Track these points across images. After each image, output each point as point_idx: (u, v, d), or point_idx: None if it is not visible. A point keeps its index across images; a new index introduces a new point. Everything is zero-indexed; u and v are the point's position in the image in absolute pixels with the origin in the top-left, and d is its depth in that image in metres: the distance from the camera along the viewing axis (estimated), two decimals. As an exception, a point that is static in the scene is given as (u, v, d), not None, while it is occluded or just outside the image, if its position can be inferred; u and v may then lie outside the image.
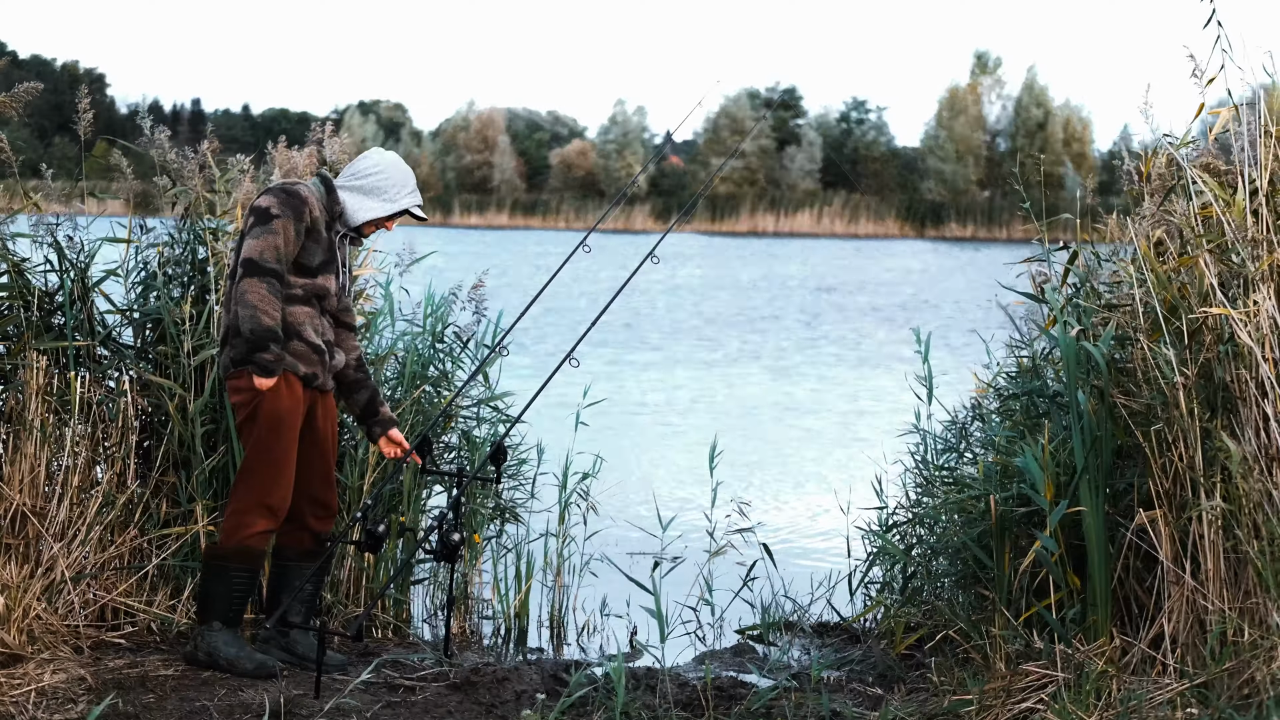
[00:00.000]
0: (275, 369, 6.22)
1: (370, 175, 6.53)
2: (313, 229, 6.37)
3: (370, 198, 6.52)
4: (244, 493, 6.35)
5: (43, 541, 6.75)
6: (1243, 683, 5.25)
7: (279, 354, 6.23)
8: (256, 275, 6.20)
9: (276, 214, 6.27)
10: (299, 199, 6.34)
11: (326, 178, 6.53)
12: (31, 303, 7.18)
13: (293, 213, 6.29)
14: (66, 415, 7.08)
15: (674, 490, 11.77)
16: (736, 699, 6.27)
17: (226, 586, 6.37)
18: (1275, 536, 5.46)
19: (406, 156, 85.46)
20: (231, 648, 6.35)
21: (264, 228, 6.25)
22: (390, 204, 6.55)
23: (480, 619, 8.00)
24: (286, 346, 6.31)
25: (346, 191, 6.52)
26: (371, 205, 6.52)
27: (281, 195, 6.33)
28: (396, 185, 6.57)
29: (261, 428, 6.30)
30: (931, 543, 7.33)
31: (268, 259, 6.21)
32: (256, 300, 6.18)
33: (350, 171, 6.56)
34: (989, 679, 5.86)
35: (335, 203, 6.47)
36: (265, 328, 6.17)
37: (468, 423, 8.07)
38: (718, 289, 36.77)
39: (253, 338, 6.19)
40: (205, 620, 6.41)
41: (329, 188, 6.50)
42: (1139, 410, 6.04)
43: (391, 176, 6.55)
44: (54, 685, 5.99)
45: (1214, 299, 5.83)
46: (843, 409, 17.36)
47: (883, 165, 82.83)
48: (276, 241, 6.23)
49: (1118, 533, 6.13)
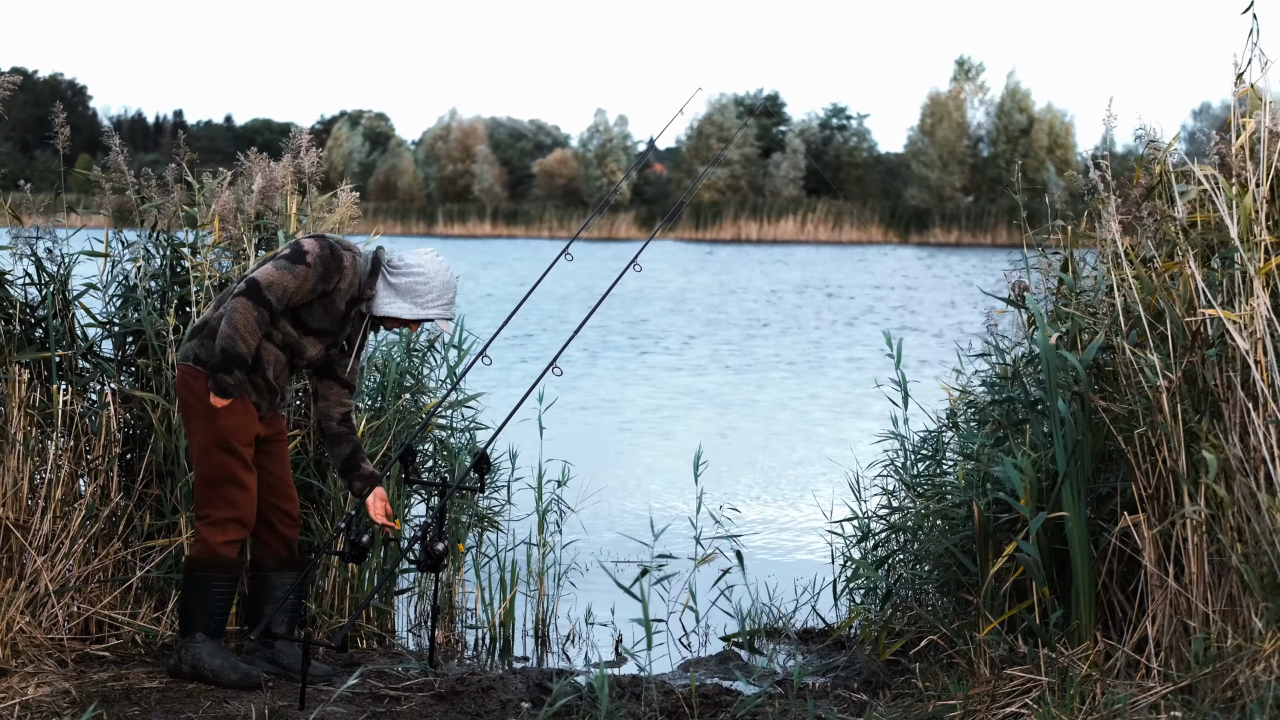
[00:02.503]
0: (232, 394, 6.26)
1: (411, 276, 6.46)
2: (329, 296, 6.37)
3: (402, 298, 6.47)
4: (212, 508, 6.36)
5: (26, 555, 6.74)
6: (1226, 686, 5.26)
7: (240, 380, 6.25)
8: (254, 300, 6.19)
9: (310, 262, 6.28)
10: (338, 265, 6.35)
11: (379, 260, 6.50)
12: (13, 315, 7.17)
13: (323, 270, 6.31)
14: (49, 428, 7.07)
15: (658, 497, 11.77)
16: (721, 706, 6.27)
17: (208, 597, 6.38)
18: (1259, 540, 5.47)
19: (392, 169, 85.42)
20: (216, 658, 6.34)
21: (289, 263, 6.27)
22: (416, 310, 6.49)
23: (465, 628, 7.99)
24: (250, 377, 6.35)
25: (384, 282, 6.48)
26: (400, 305, 6.48)
27: (326, 252, 6.34)
28: (432, 295, 6.48)
29: (219, 446, 6.31)
30: (915, 549, 7.34)
31: (272, 292, 6.21)
32: (241, 324, 6.17)
33: (399, 264, 6.50)
34: (973, 684, 5.87)
35: (370, 287, 6.46)
36: (238, 353, 6.18)
37: (443, 431, 8.05)
38: (702, 295, 36.77)
39: (222, 357, 6.20)
40: (188, 632, 6.41)
41: (375, 270, 6.48)
42: (1121, 415, 6.05)
43: (431, 284, 6.47)
44: (38, 699, 5.98)
45: (1199, 302, 5.84)
46: (825, 413, 17.36)
47: (865, 171, 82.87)
48: (289, 282, 6.24)
49: (1101, 537, 6.14)
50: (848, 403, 18.12)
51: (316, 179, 8.01)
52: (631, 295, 34.84)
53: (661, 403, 18.31)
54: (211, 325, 6.33)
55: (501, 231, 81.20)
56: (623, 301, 33.16)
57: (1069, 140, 77.89)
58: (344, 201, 7.96)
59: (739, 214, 76.85)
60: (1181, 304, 5.95)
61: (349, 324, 6.51)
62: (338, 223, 7.93)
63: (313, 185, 8.03)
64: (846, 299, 36.53)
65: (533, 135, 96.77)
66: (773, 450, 14.85)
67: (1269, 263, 5.77)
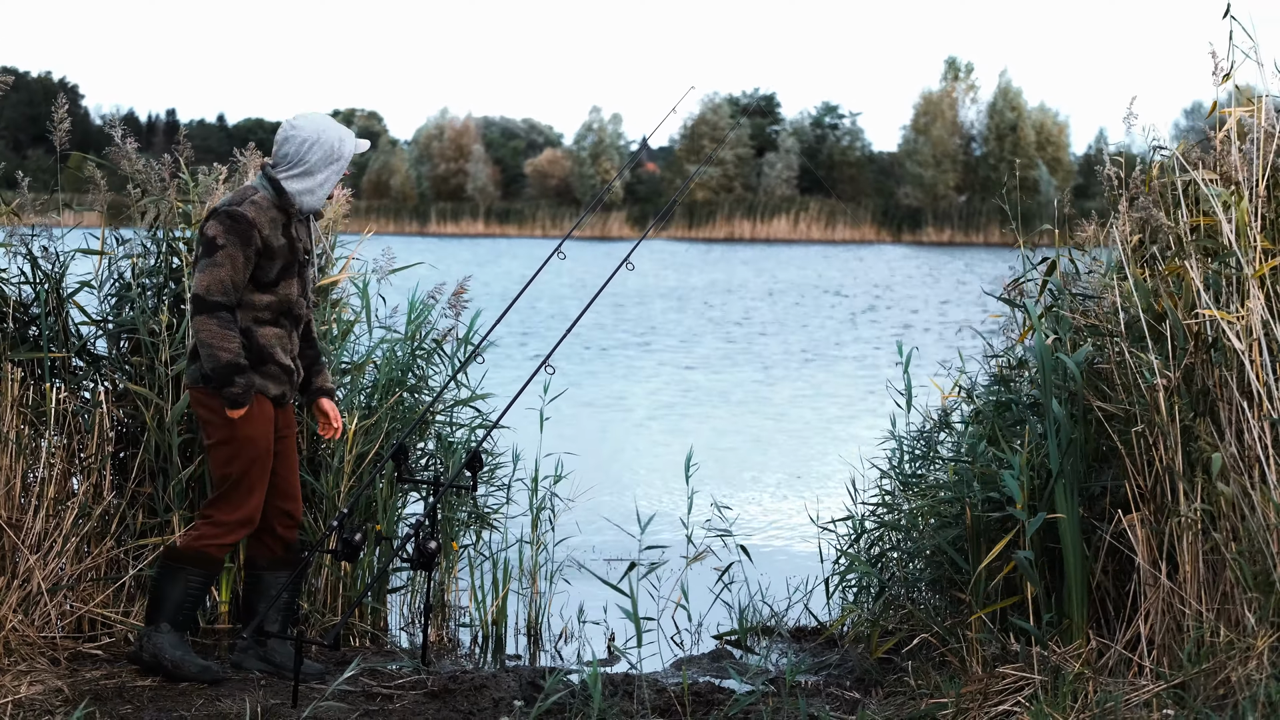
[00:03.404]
0: (245, 399, 6.19)
1: (308, 156, 6.36)
2: (265, 246, 6.27)
3: (320, 173, 6.40)
4: (220, 510, 6.35)
5: (18, 553, 6.73)
6: (1218, 683, 5.27)
7: (246, 383, 6.18)
8: (205, 312, 6.13)
9: (222, 244, 6.16)
10: (246, 223, 6.20)
11: (274, 177, 6.37)
12: (6, 314, 7.17)
13: (240, 239, 6.18)
14: (42, 426, 7.06)
15: (651, 495, 11.78)
16: (714, 704, 6.27)
17: (181, 590, 6.36)
18: (1252, 538, 5.49)
19: (384, 166, 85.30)
20: (178, 650, 6.33)
21: (209, 259, 6.17)
22: (340, 162, 6.44)
23: (458, 626, 7.99)
24: (260, 369, 6.31)
25: (295, 181, 6.37)
26: (325, 178, 6.42)
27: (227, 222, 6.20)
28: (334, 143, 6.41)
29: (240, 452, 6.29)
30: (907, 547, 7.34)
31: (214, 293, 6.13)
32: (209, 338, 6.12)
33: (287, 159, 6.38)
34: (966, 682, 5.88)
35: (290, 203, 6.35)
36: (225, 364, 6.13)
37: (444, 428, 8.05)
38: (693, 293, 36.77)
39: (217, 375, 6.15)
40: (154, 621, 6.38)
41: (279, 189, 6.35)
42: (1117, 414, 6.06)
43: (325, 140, 6.39)
44: (31, 697, 5.98)
45: (1199, 303, 5.85)
46: (819, 412, 17.37)
47: (858, 170, 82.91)
48: (222, 275, 6.15)
49: (1094, 535, 6.16)
50: (850, 401, 18.15)
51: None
52: (633, 293, 34.85)
53: (666, 400, 18.34)
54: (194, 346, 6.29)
55: (495, 230, 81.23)
56: (627, 299, 33.18)
57: (1062, 139, 77.98)
58: (337, 199, 7.96)
59: (732, 213, 76.90)
60: (1183, 306, 5.96)
61: (299, 242, 6.43)
62: (330, 220, 7.93)
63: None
64: (846, 296, 36.56)
65: (525, 134, 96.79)
66: (769, 448, 14.86)
67: (1264, 265, 5.79)
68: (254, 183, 6.43)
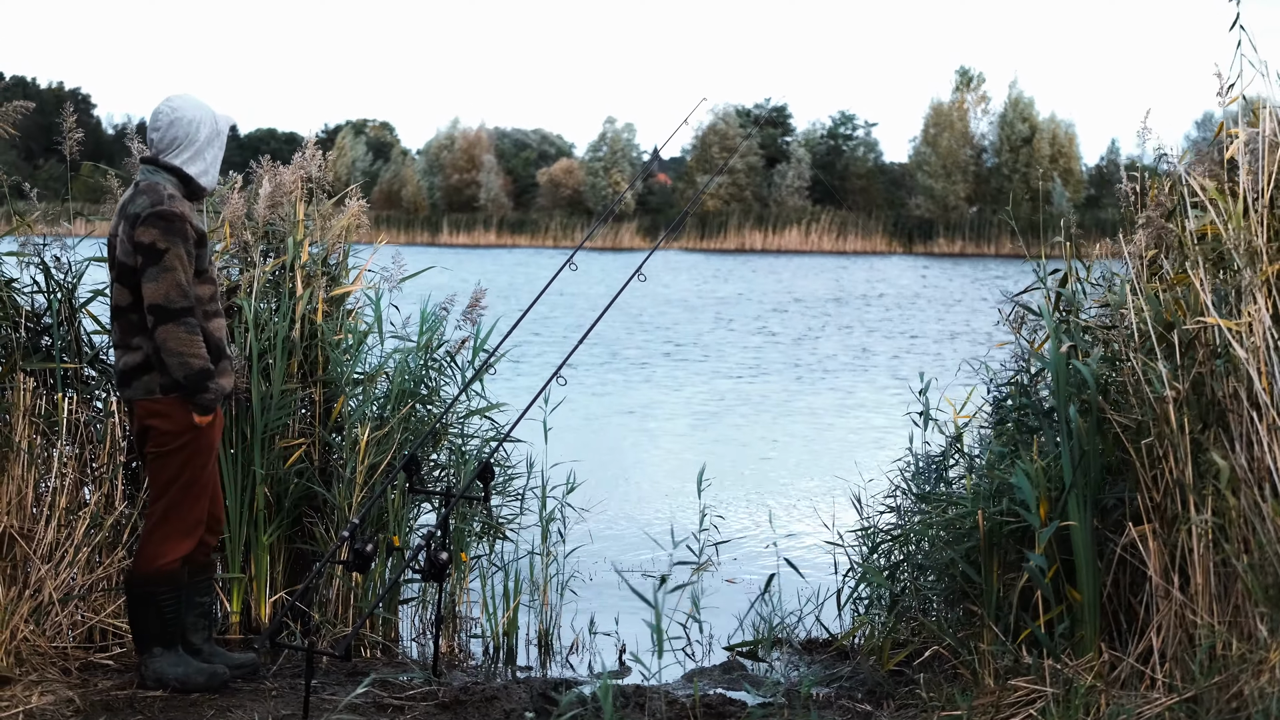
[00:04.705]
0: (215, 406, 6.18)
1: (197, 135, 6.30)
2: (198, 236, 6.23)
3: (209, 150, 6.35)
4: (170, 520, 6.27)
5: (30, 563, 6.74)
6: (1231, 696, 5.26)
7: (218, 389, 6.16)
8: (170, 321, 6.06)
9: (164, 247, 6.09)
10: (178, 219, 6.14)
11: (172, 165, 6.29)
12: (19, 324, 7.17)
13: (178, 237, 6.11)
14: (54, 436, 7.07)
15: (664, 505, 11.76)
16: (726, 716, 6.26)
17: (158, 612, 6.31)
18: (1264, 549, 5.47)
19: (395, 177, 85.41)
20: (178, 668, 6.33)
21: (158, 267, 6.08)
22: (222, 137, 6.40)
23: (469, 638, 7.98)
24: (218, 366, 6.26)
25: (193, 164, 6.31)
26: (214, 156, 6.37)
27: (161, 224, 6.12)
28: (214, 119, 6.38)
29: (200, 456, 6.23)
30: (920, 559, 7.33)
31: (174, 299, 6.07)
32: (178, 346, 6.06)
33: (177, 142, 6.30)
34: (978, 694, 5.87)
35: (197, 188, 6.32)
36: (197, 370, 6.08)
37: (456, 439, 8.04)
38: (706, 304, 36.76)
39: (189, 383, 6.11)
40: (144, 648, 6.36)
41: (182, 175, 6.29)
42: (1129, 425, 6.05)
43: (207, 117, 6.35)
44: (42, 707, 5.98)
45: (1208, 312, 5.84)
46: (834, 424, 17.35)
47: (870, 181, 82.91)
48: (176, 278, 6.08)
49: (1107, 547, 6.14)
50: (872, 410, 18.14)
51: (325, 183, 8.01)
52: (654, 303, 34.85)
53: (688, 409, 18.33)
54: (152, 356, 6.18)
55: (506, 241, 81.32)
56: (643, 310, 33.18)
57: (1073, 150, 77.91)
58: (351, 209, 7.96)
59: (743, 224, 76.90)
60: (1190, 315, 5.95)
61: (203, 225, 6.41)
62: (344, 229, 7.94)
63: (320, 191, 8.03)
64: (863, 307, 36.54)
65: (537, 144, 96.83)
66: (786, 458, 14.85)
67: (1265, 270, 5.77)
68: (151, 178, 6.30)
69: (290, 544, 7.79)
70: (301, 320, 7.75)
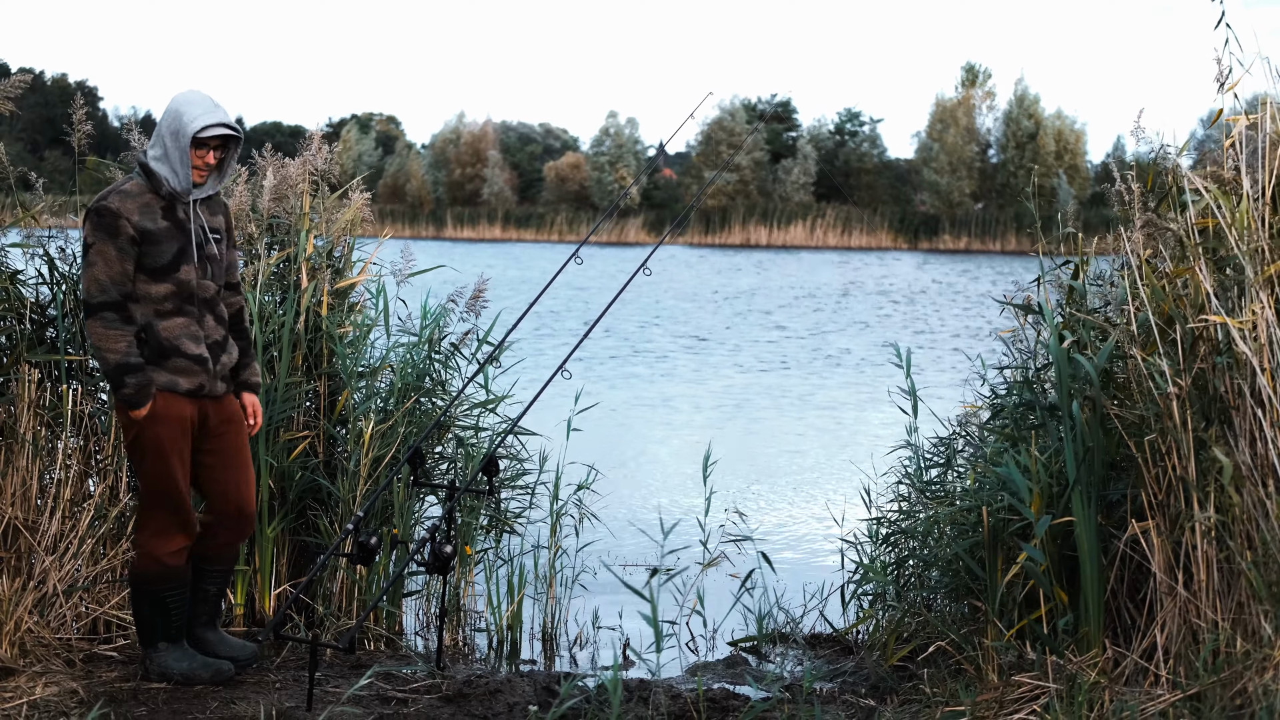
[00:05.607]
0: (140, 399, 6.04)
1: (161, 131, 6.17)
2: (142, 234, 6.08)
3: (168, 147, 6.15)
4: (153, 517, 6.22)
5: (34, 555, 6.75)
6: (1235, 694, 5.25)
7: (138, 382, 6.01)
8: (90, 315, 6.02)
9: (91, 242, 6.05)
10: (110, 215, 6.03)
11: (142, 161, 6.19)
12: (24, 315, 7.18)
13: (106, 233, 6.02)
14: (59, 428, 7.07)
15: (668, 500, 11.76)
16: (729, 710, 6.26)
17: (162, 608, 6.30)
18: (1268, 546, 5.47)
19: (400, 170, 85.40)
20: (183, 662, 6.32)
21: (85, 261, 6.06)
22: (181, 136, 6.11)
23: (473, 631, 7.98)
24: (166, 364, 6.11)
25: (157, 162, 6.17)
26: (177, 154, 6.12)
27: (94, 219, 6.06)
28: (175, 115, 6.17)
29: (149, 454, 6.13)
30: (924, 555, 7.33)
31: (94, 294, 6.01)
32: (96, 340, 6.01)
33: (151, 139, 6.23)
34: (981, 690, 5.87)
35: (160, 184, 6.15)
36: (113, 365, 6.00)
37: (463, 432, 8.04)
38: (711, 298, 36.75)
39: (106, 378, 6.09)
40: (149, 643, 6.35)
41: (148, 171, 6.17)
42: (1133, 421, 6.04)
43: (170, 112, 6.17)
44: (46, 698, 5.99)
45: (1210, 308, 5.84)
46: (837, 419, 17.35)
47: (875, 177, 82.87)
48: (96, 274, 6.01)
49: (1111, 544, 6.14)
50: (874, 406, 18.14)
51: (330, 176, 8.01)
52: (661, 297, 34.85)
53: (697, 404, 18.34)
54: None
55: (511, 235, 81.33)
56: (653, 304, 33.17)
57: (1079, 147, 77.83)
58: (355, 202, 7.97)
59: (748, 219, 76.86)
60: (1192, 310, 5.95)
61: (191, 224, 6.22)
62: (348, 223, 7.94)
63: (325, 184, 8.04)
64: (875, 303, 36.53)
65: (542, 139, 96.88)
66: (793, 452, 14.85)
67: (1268, 268, 5.77)
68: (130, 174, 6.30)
69: (295, 537, 7.80)
70: (306, 313, 7.75)
